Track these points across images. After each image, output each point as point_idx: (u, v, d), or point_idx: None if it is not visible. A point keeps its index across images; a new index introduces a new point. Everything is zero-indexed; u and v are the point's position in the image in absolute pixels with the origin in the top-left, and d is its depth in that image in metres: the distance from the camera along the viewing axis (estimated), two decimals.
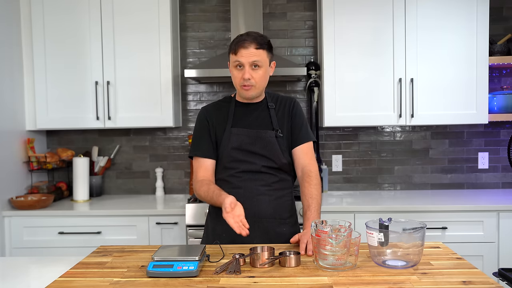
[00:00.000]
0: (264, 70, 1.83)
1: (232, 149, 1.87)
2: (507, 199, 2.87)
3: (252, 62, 1.80)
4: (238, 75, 1.84)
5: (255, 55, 1.79)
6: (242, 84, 1.83)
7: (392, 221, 1.48)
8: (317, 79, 3.19)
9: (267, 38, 1.86)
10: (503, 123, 3.28)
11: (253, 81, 1.82)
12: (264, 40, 1.83)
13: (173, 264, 1.39)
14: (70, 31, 3.01)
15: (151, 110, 3.02)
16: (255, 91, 1.85)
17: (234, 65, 1.84)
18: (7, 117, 2.88)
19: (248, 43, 1.80)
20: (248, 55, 1.79)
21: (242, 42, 1.80)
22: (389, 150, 3.34)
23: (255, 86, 1.83)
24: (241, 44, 1.80)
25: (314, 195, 1.83)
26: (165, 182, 3.39)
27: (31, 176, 3.11)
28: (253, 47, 1.79)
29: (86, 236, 2.78)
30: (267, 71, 1.86)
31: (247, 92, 1.85)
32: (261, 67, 1.82)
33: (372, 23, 2.94)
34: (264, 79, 1.86)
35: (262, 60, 1.81)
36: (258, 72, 1.82)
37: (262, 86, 1.87)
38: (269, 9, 3.33)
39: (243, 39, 1.81)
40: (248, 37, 1.81)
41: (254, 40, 1.80)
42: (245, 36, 1.83)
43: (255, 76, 1.82)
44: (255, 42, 1.80)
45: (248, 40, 1.80)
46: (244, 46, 1.80)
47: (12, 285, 1.48)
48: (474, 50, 2.91)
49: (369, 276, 1.36)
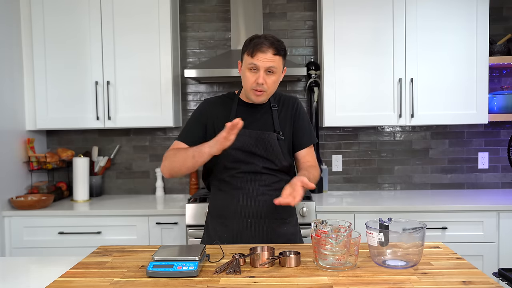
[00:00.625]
0: (277, 76, 1.82)
1: (233, 149, 1.85)
2: (507, 199, 2.87)
3: (268, 67, 1.76)
4: (252, 78, 1.79)
5: (272, 60, 1.76)
6: (254, 88, 1.80)
7: (392, 221, 1.48)
8: (317, 79, 3.19)
9: (284, 45, 1.82)
10: (503, 123, 3.28)
11: (265, 86, 1.79)
12: (281, 46, 1.80)
13: (173, 264, 1.39)
14: (70, 32, 3.01)
15: (151, 110, 3.02)
16: (265, 96, 1.84)
17: (248, 67, 1.79)
18: (7, 117, 2.88)
19: (266, 47, 1.75)
20: (265, 60, 1.75)
21: (261, 46, 1.75)
22: (389, 150, 3.34)
23: (266, 92, 1.81)
24: (259, 48, 1.75)
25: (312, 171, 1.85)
26: (165, 182, 3.39)
27: (31, 176, 3.11)
28: (271, 52, 1.76)
29: (86, 236, 2.78)
30: (279, 78, 1.85)
31: (258, 98, 1.82)
32: (275, 73, 1.79)
33: (372, 23, 2.94)
34: (275, 86, 1.84)
35: (277, 67, 1.78)
36: (271, 78, 1.79)
37: (273, 92, 1.86)
38: (269, 9, 3.33)
39: (261, 43, 1.76)
40: (266, 41, 1.77)
41: (272, 45, 1.76)
42: (263, 39, 1.77)
43: (268, 82, 1.79)
44: (273, 47, 1.76)
45: (266, 44, 1.76)
46: (262, 50, 1.75)
47: (12, 285, 1.48)
48: (474, 50, 2.91)
49: (369, 276, 1.36)
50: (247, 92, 1.85)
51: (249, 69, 1.80)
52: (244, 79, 1.83)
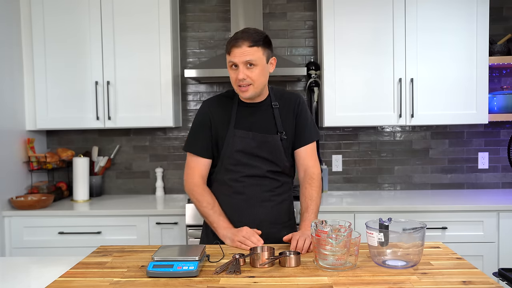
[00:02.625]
0: (260, 68, 1.74)
1: (236, 151, 1.82)
2: (507, 199, 2.87)
3: (246, 61, 1.71)
4: (234, 76, 1.76)
5: (248, 53, 1.70)
6: (238, 84, 1.76)
7: (392, 221, 1.48)
8: (317, 79, 3.19)
9: (263, 34, 1.76)
10: (503, 123, 3.28)
11: (249, 80, 1.73)
12: (258, 37, 1.73)
13: (173, 264, 1.39)
14: (70, 31, 3.01)
15: (151, 110, 3.02)
16: (253, 90, 1.77)
17: (229, 65, 1.76)
18: (7, 117, 2.88)
19: (241, 41, 1.71)
20: (241, 55, 1.71)
21: (235, 41, 1.72)
22: (389, 150, 3.34)
23: (253, 85, 1.75)
24: (233, 44, 1.72)
25: (314, 197, 1.83)
26: (165, 182, 3.39)
27: (31, 176, 3.11)
28: (246, 45, 1.70)
29: (86, 236, 2.78)
30: (264, 69, 1.77)
31: (244, 93, 1.77)
32: (256, 65, 1.73)
33: (372, 24, 2.94)
34: (261, 78, 1.76)
35: (256, 59, 1.72)
36: (254, 71, 1.73)
37: (261, 85, 1.78)
38: (269, 9, 3.33)
39: (236, 38, 1.73)
40: (242, 35, 1.72)
41: (247, 38, 1.71)
42: (240, 34, 1.74)
43: (251, 75, 1.73)
44: (248, 40, 1.71)
45: (241, 38, 1.71)
46: (237, 45, 1.71)
47: (12, 285, 1.48)
48: (474, 50, 2.91)
49: (369, 276, 1.36)
50: (236, 91, 1.81)
51: (230, 67, 1.76)
52: (230, 79, 1.80)
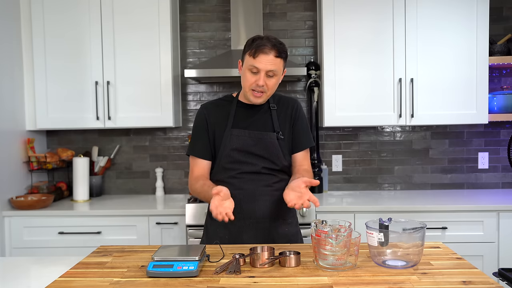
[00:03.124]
0: (278, 79, 1.81)
1: (233, 150, 1.85)
2: (507, 199, 2.87)
3: (269, 70, 1.76)
4: (251, 79, 1.78)
5: (273, 63, 1.75)
6: (253, 89, 1.79)
7: (392, 221, 1.48)
8: (317, 79, 3.19)
9: (286, 47, 1.81)
10: (503, 123, 3.28)
11: (265, 88, 1.79)
12: (283, 49, 1.78)
13: (173, 264, 1.39)
14: (70, 30, 3.01)
15: (151, 110, 3.02)
16: (264, 98, 1.84)
17: (249, 68, 1.78)
18: (7, 117, 2.88)
19: (269, 49, 1.74)
20: (266, 62, 1.74)
21: (263, 48, 1.74)
22: (389, 150, 3.34)
23: (266, 93, 1.81)
24: (261, 49, 1.74)
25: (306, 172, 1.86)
26: (165, 182, 3.39)
27: (31, 176, 3.11)
28: (273, 54, 1.75)
29: (86, 236, 2.78)
30: (279, 80, 1.84)
31: (256, 99, 1.82)
32: (275, 76, 1.79)
33: (372, 23, 2.94)
34: (275, 88, 1.84)
35: (278, 69, 1.78)
36: (271, 80, 1.79)
37: (272, 93, 1.86)
38: (269, 9, 3.33)
39: (264, 44, 1.74)
40: (269, 43, 1.75)
41: (274, 47, 1.75)
42: (266, 41, 1.75)
43: (268, 84, 1.79)
44: (275, 49, 1.75)
45: (269, 46, 1.74)
46: (264, 52, 1.74)
47: (12, 285, 1.48)
48: (474, 50, 2.91)
49: (369, 276, 1.36)
50: (246, 92, 1.84)
51: (249, 70, 1.79)
52: (244, 79, 1.82)
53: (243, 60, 1.83)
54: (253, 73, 1.78)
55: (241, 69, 1.86)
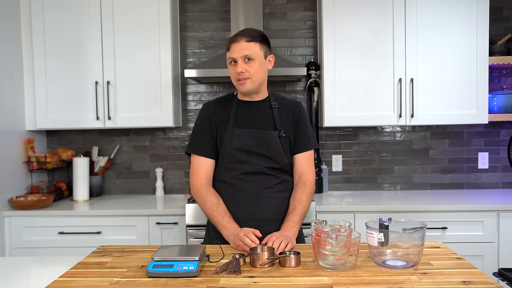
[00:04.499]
0: (258, 63, 1.82)
1: (234, 150, 1.84)
2: (507, 199, 2.87)
3: (244, 56, 1.79)
4: (233, 71, 1.83)
5: (246, 48, 1.79)
6: (237, 78, 1.82)
7: (392, 221, 1.48)
8: (317, 79, 3.19)
9: (260, 32, 1.86)
10: (503, 123, 3.28)
11: (247, 73, 1.80)
12: (256, 34, 1.83)
13: (173, 264, 1.38)
14: (70, 30, 3.01)
15: (151, 110, 3.02)
16: (251, 84, 1.83)
17: (228, 62, 1.85)
18: (7, 117, 2.88)
19: (240, 37, 1.81)
20: (239, 50, 1.79)
21: (234, 38, 1.82)
22: (389, 150, 3.34)
23: (251, 79, 1.82)
24: (232, 40, 1.83)
25: (303, 202, 1.84)
26: (165, 182, 3.39)
27: (31, 176, 3.11)
28: (244, 40, 1.80)
29: (86, 236, 2.78)
30: (263, 64, 1.84)
31: (243, 86, 1.83)
32: (254, 60, 1.81)
33: (372, 23, 2.94)
34: (260, 72, 1.83)
35: (254, 53, 1.80)
36: (252, 66, 1.81)
37: (259, 79, 1.85)
38: (269, 9, 3.33)
39: (235, 35, 1.84)
40: (239, 32, 1.84)
41: (244, 34, 1.82)
42: (239, 32, 1.85)
43: (249, 69, 1.81)
44: (246, 36, 1.81)
45: (240, 35, 1.82)
46: (236, 41, 1.81)
47: (12, 285, 1.48)
48: (474, 50, 2.91)
49: (369, 276, 1.36)
50: (236, 86, 1.87)
51: (229, 64, 1.85)
52: (230, 76, 1.87)
53: None
54: (233, 65, 1.83)
55: None
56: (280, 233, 1.67)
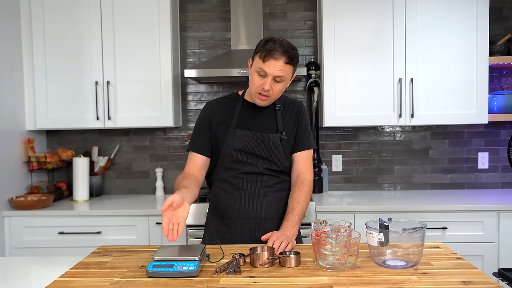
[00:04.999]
0: (284, 84, 1.79)
1: (235, 150, 1.85)
2: (507, 199, 2.87)
3: (277, 76, 1.73)
4: (258, 82, 1.76)
5: (282, 70, 1.72)
6: (259, 92, 1.77)
7: (392, 221, 1.48)
8: (317, 79, 3.19)
9: (297, 53, 1.77)
10: (503, 123, 3.28)
11: (271, 92, 1.77)
12: (295, 55, 1.74)
13: (173, 264, 1.39)
14: (70, 30, 3.01)
15: (151, 110, 3.02)
16: (269, 101, 1.82)
17: (257, 70, 1.75)
18: (7, 117, 2.88)
19: (279, 55, 1.70)
20: (275, 68, 1.71)
21: (274, 53, 1.70)
22: (389, 150, 3.34)
23: (270, 97, 1.79)
24: (272, 54, 1.70)
25: (301, 201, 1.84)
26: (165, 182, 3.39)
27: (31, 176, 3.11)
28: (283, 61, 1.71)
29: (86, 236, 2.78)
30: (286, 85, 1.82)
31: (261, 102, 1.81)
32: (283, 81, 1.77)
33: (372, 23, 2.94)
34: (281, 93, 1.82)
35: (286, 76, 1.76)
36: (278, 86, 1.76)
37: (277, 98, 1.84)
38: (269, 9, 3.33)
39: (275, 49, 1.70)
40: (280, 48, 1.71)
41: (285, 53, 1.71)
42: (278, 45, 1.71)
43: (275, 89, 1.76)
44: (286, 55, 1.71)
45: (280, 51, 1.70)
46: (275, 57, 1.70)
47: (12, 285, 1.48)
48: (474, 50, 2.91)
49: (369, 276, 1.36)
50: (252, 94, 1.82)
51: (257, 73, 1.76)
52: (251, 81, 1.80)
53: (253, 60, 1.80)
54: (260, 76, 1.75)
55: (250, 68, 1.83)
56: (280, 233, 1.67)
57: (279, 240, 1.61)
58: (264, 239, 1.67)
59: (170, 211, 1.50)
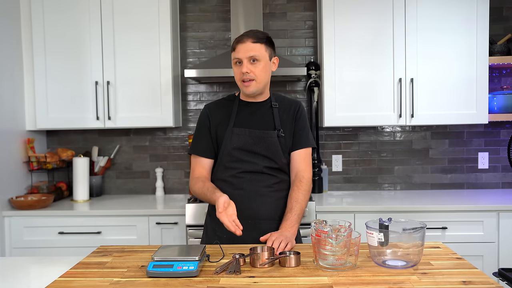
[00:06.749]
0: (263, 64, 1.82)
1: (233, 149, 1.86)
2: (507, 199, 2.87)
3: (250, 56, 1.80)
4: (238, 71, 1.84)
5: (252, 49, 1.80)
6: (241, 79, 1.83)
7: (392, 221, 1.48)
8: (317, 79, 3.19)
9: (266, 34, 1.86)
10: (503, 123, 3.28)
11: (252, 74, 1.81)
12: (262, 35, 1.84)
13: (173, 264, 1.39)
14: (70, 30, 3.01)
15: (151, 110, 3.03)
16: (256, 86, 1.83)
17: (234, 62, 1.85)
18: (7, 117, 2.88)
19: (246, 38, 1.81)
20: (245, 50, 1.80)
21: (240, 38, 1.83)
22: (389, 150, 3.34)
23: (255, 81, 1.82)
24: (238, 40, 1.83)
25: (300, 200, 1.84)
26: (165, 182, 3.39)
27: (31, 176, 3.11)
28: (250, 41, 1.81)
29: (86, 236, 2.78)
30: (267, 66, 1.85)
31: (247, 88, 1.83)
32: (259, 61, 1.81)
33: (372, 23, 2.94)
34: (264, 73, 1.84)
35: (260, 55, 1.81)
36: (257, 66, 1.81)
37: (263, 81, 1.85)
38: (269, 9, 3.33)
39: (241, 36, 1.84)
40: (245, 33, 1.84)
41: (251, 36, 1.82)
42: (244, 33, 1.85)
43: (254, 70, 1.81)
44: (252, 37, 1.81)
45: (246, 36, 1.82)
46: (242, 41, 1.81)
47: (12, 285, 1.48)
48: (474, 50, 2.91)
49: (369, 276, 1.36)
50: (240, 87, 1.88)
51: (234, 64, 1.85)
52: (234, 76, 1.88)
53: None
54: (238, 66, 1.84)
55: None
56: (280, 233, 1.67)
57: (278, 240, 1.62)
58: (263, 240, 1.67)
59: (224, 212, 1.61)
